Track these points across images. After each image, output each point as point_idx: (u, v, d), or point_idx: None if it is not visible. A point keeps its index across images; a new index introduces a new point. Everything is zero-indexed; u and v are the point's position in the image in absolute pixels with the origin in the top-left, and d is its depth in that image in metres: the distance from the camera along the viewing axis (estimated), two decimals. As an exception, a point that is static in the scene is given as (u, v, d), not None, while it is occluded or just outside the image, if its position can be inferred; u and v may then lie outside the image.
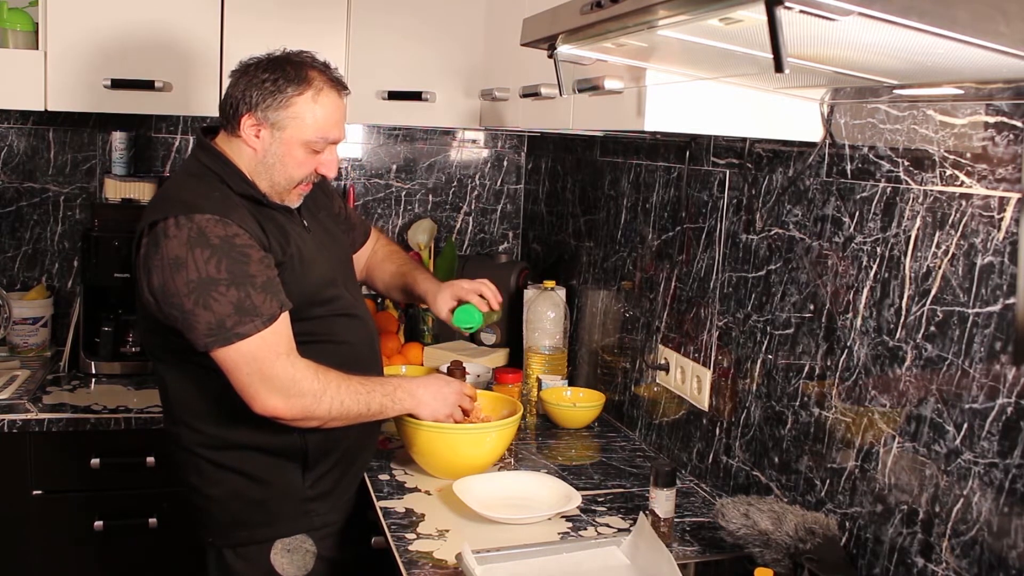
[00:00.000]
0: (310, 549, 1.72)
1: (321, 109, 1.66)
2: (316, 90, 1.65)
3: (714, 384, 1.87)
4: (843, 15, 0.80)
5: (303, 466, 1.71)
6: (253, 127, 1.66)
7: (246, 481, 1.69)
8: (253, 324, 1.54)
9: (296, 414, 1.58)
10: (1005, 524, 1.17)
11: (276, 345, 1.57)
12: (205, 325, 1.53)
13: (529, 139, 3.04)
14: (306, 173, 1.70)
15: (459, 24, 2.46)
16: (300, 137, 1.66)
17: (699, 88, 1.45)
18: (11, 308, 2.55)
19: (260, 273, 1.57)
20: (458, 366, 2.28)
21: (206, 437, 1.69)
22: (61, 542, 2.24)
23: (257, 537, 1.71)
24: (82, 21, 2.28)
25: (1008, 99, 1.18)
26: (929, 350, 1.31)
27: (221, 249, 1.54)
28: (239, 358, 1.55)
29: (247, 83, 1.65)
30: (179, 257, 1.53)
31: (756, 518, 1.41)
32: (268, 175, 1.68)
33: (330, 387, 1.60)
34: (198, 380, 1.67)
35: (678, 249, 2.01)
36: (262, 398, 1.56)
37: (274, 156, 1.67)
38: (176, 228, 1.54)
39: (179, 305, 1.54)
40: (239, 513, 1.71)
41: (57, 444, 2.20)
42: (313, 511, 1.73)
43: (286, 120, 1.65)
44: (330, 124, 1.68)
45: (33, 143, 2.68)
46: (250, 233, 1.59)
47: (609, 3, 1.03)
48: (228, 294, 1.53)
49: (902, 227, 1.36)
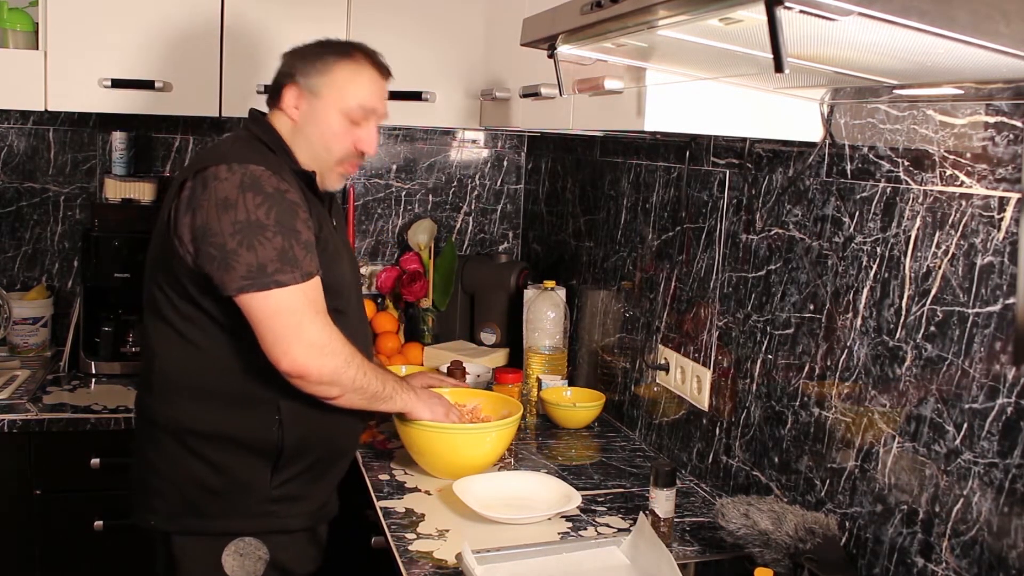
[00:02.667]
0: (262, 556, 1.65)
1: (361, 78, 1.69)
2: (357, 62, 1.70)
3: (714, 384, 1.87)
4: (843, 15, 0.80)
5: (273, 465, 1.65)
6: (295, 96, 1.69)
7: (208, 469, 1.63)
8: (293, 275, 1.53)
9: (324, 374, 1.56)
10: (1005, 524, 1.17)
11: (316, 302, 1.57)
12: (245, 266, 1.51)
13: (529, 139, 3.04)
14: (345, 147, 1.71)
15: (459, 24, 2.46)
16: (338, 104, 1.68)
17: (699, 88, 1.45)
18: (11, 308, 2.55)
19: (304, 232, 1.57)
20: (458, 366, 2.28)
21: (180, 414, 1.63)
22: (61, 542, 2.24)
23: (209, 528, 1.64)
24: (82, 21, 2.28)
25: (1008, 99, 1.18)
26: (929, 350, 1.31)
27: (273, 197, 1.54)
28: (278, 306, 1.52)
29: (292, 56, 1.72)
30: (228, 198, 1.52)
31: (756, 518, 1.41)
32: (307, 145, 1.70)
33: (356, 357, 1.61)
34: (189, 354, 1.63)
35: (678, 249, 2.01)
36: (295, 351, 1.53)
37: (312, 124, 1.68)
38: (228, 172, 1.54)
39: (221, 244, 1.52)
40: (195, 500, 1.64)
41: (57, 444, 2.20)
42: (274, 513, 1.66)
43: (324, 87, 1.67)
44: (368, 94, 1.70)
45: (33, 143, 2.68)
46: (298, 195, 1.59)
47: (609, 3, 1.03)
48: (274, 240, 1.52)
49: (902, 227, 1.36)
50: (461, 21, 2.45)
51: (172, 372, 1.66)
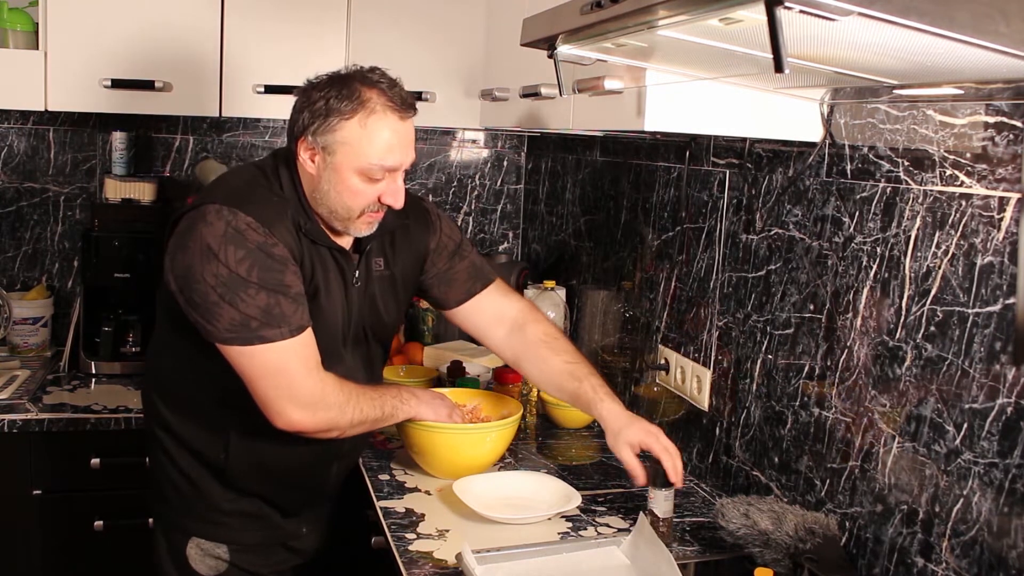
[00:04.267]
0: (222, 557, 1.70)
1: (372, 134, 1.52)
2: (367, 112, 1.52)
3: (714, 384, 1.87)
4: (843, 15, 0.80)
5: (221, 482, 1.69)
6: (307, 151, 1.56)
7: (174, 469, 1.70)
8: (279, 331, 1.48)
9: (320, 426, 1.56)
10: (1005, 524, 1.17)
11: (306, 358, 1.52)
12: (228, 321, 1.47)
13: (529, 139, 3.03)
14: (366, 203, 1.57)
15: (459, 24, 2.46)
16: (352, 164, 1.53)
17: (699, 88, 1.45)
18: (11, 308, 2.55)
19: (294, 284, 1.51)
20: (458, 366, 2.28)
21: (158, 414, 1.70)
22: (61, 542, 2.24)
23: (175, 523, 1.73)
24: (82, 21, 2.28)
25: (1008, 99, 1.18)
26: (929, 350, 1.31)
27: (255, 254, 1.48)
28: (265, 365, 1.49)
29: (302, 104, 1.56)
30: (211, 247, 1.47)
31: (756, 518, 1.41)
32: (325, 202, 1.57)
33: (352, 398, 1.58)
34: (175, 362, 1.67)
35: (678, 249, 2.01)
36: (287, 413, 1.51)
37: (328, 183, 1.55)
38: (216, 217, 1.48)
39: (203, 294, 1.47)
40: (164, 494, 1.73)
41: (57, 444, 2.20)
42: (227, 524, 1.70)
43: (335, 145, 1.52)
44: (383, 150, 1.53)
45: (33, 143, 2.68)
46: (288, 247, 1.52)
47: (609, 3, 1.03)
48: (257, 298, 1.47)
49: (902, 227, 1.36)
50: (461, 21, 2.45)
51: (161, 375, 1.72)
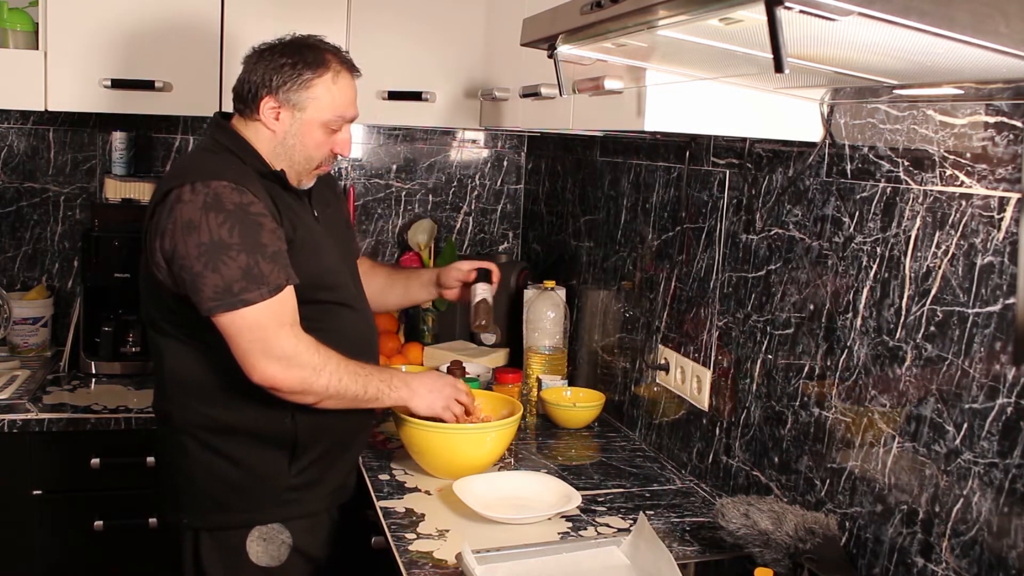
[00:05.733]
0: (286, 540, 1.71)
1: (339, 90, 1.72)
2: (335, 72, 1.71)
3: (714, 384, 1.87)
4: (843, 15, 0.80)
5: (291, 453, 1.70)
6: (273, 109, 1.70)
7: (229, 465, 1.69)
8: (259, 292, 1.55)
9: (294, 385, 1.59)
10: (1005, 524, 1.17)
11: (281, 315, 1.58)
12: (212, 288, 1.54)
13: (529, 139, 3.04)
14: (324, 153, 1.75)
15: (459, 24, 2.46)
16: (319, 117, 1.71)
17: (699, 88, 1.45)
18: (11, 308, 2.55)
19: (271, 243, 1.59)
20: (458, 366, 2.28)
21: (196, 416, 1.69)
22: (61, 542, 2.23)
23: (233, 522, 1.70)
24: (82, 21, 2.28)
25: (1008, 99, 1.18)
26: (929, 350, 1.31)
27: (235, 215, 1.56)
28: (243, 324, 1.56)
29: (266, 67, 1.70)
30: (192, 220, 1.55)
31: (756, 518, 1.41)
32: (288, 156, 1.72)
33: (330, 363, 1.62)
34: (196, 357, 1.68)
35: (678, 249, 2.01)
36: (261, 366, 1.57)
37: (294, 137, 1.71)
38: (192, 193, 1.56)
39: (188, 268, 1.55)
40: (219, 496, 1.70)
41: (57, 444, 2.20)
42: (294, 500, 1.72)
43: (306, 101, 1.69)
44: (346, 103, 1.74)
45: (33, 143, 2.68)
46: (264, 203, 1.61)
47: (609, 3, 1.03)
48: (238, 259, 1.54)
49: (902, 227, 1.36)
50: (461, 21, 2.45)
51: (183, 375, 1.70)
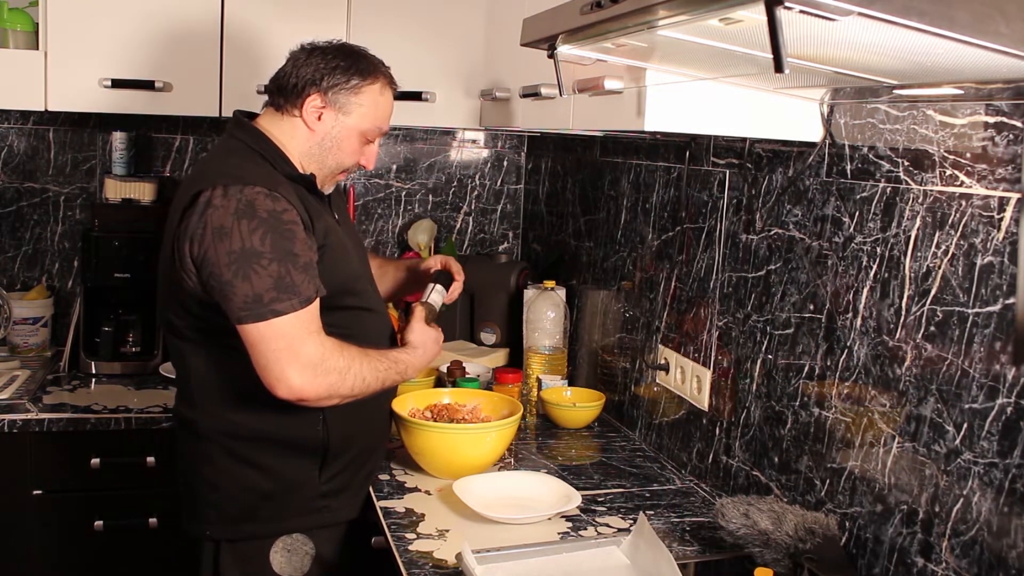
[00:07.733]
0: (309, 552, 1.70)
1: (384, 102, 1.74)
2: (383, 84, 1.74)
3: (714, 384, 1.87)
4: (843, 15, 0.80)
5: (322, 460, 1.68)
6: (317, 108, 1.68)
7: (259, 474, 1.66)
8: (290, 302, 1.51)
9: (321, 392, 1.55)
10: (1005, 524, 1.17)
11: (308, 324, 1.54)
12: (242, 298, 1.50)
13: (529, 139, 3.04)
14: (353, 161, 1.75)
15: (459, 24, 2.46)
16: (360, 125, 1.71)
17: (699, 88, 1.45)
18: (11, 308, 2.55)
19: (303, 253, 1.55)
20: (458, 366, 2.28)
21: (226, 424, 1.65)
22: (61, 542, 2.24)
23: (261, 532, 1.67)
24: (82, 21, 2.28)
25: (1008, 99, 1.18)
26: (929, 350, 1.31)
27: (268, 223, 1.52)
28: (270, 333, 1.51)
29: (318, 64, 1.68)
30: (223, 226, 1.51)
31: (756, 518, 1.41)
32: (321, 158, 1.72)
33: (354, 364, 1.59)
34: (225, 364, 1.63)
35: (678, 249, 2.01)
36: (288, 376, 1.51)
37: (332, 140, 1.71)
38: (223, 198, 1.52)
39: (218, 275, 1.51)
40: (248, 507, 1.67)
41: (57, 444, 2.20)
42: (326, 507, 1.71)
43: (352, 106, 1.70)
44: (385, 116, 1.76)
45: (33, 143, 2.68)
46: (297, 211, 1.57)
47: (609, 3, 1.03)
48: (269, 268, 1.50)
49: (902, 227, 1.36)
50: (461, 21, 2.45)
51: (211, 383, 1.66)
